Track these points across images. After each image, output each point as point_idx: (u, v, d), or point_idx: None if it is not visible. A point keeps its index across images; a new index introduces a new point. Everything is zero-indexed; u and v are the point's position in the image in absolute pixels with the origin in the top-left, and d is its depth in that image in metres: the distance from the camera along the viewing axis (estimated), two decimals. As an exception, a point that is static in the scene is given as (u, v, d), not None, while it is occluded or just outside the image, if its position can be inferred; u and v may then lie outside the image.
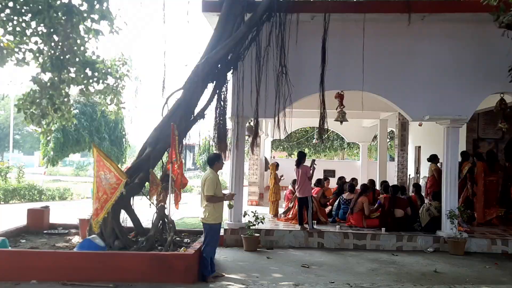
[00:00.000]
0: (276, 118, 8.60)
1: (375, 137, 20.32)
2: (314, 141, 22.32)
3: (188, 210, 12.71)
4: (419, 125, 14.18)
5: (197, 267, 6.31)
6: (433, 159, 11.11)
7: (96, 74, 9.93)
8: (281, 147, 26.87)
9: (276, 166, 11.54)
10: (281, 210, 11.20)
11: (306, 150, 26.09)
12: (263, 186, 17.11)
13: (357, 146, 26.35)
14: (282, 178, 11.89)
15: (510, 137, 12.69)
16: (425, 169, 14.45)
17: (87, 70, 9.68)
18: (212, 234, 6.52)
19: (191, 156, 37.57)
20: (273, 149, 22.90)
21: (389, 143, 21.49)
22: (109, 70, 10.19)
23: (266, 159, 17.88)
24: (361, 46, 8.67)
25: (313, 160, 9.75)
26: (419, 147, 16.12)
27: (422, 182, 14.26)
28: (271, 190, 11.25)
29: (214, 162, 6.65)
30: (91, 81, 9.90)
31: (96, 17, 9.30)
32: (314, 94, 8.88)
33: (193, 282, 6.16)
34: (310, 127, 23.14)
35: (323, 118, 8.37)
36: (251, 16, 8.42)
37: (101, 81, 10.16)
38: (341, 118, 9.53)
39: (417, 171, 16.15)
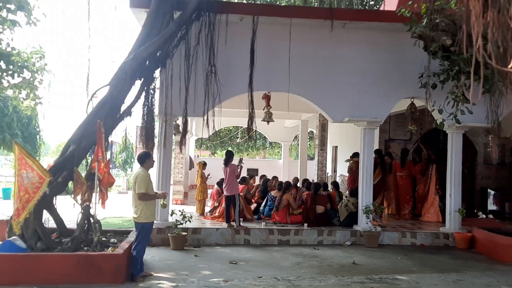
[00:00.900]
0: (205, 117, 8.67)
1: (296, 137, 21.07)
2: (238, 140, 22.63)
3: (110, 210, 12.31)
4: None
5: (126, 267, 6.21)
6: (355, 156, 11.98)
7: (11, 67, 9.38)
8: (205, 146, 26.88)
9: (204, 165, 11.59)
10: (207, 209, 11.28)
11: (229, 149, 26.39)
12: (187, 185, 17.04)
13: (278, 145, 27.10)
14: (209, 177, 11.97)
15: (418, 138, 13.83)
16: (341, 168, 15.34)
17: (1, 63, 9.12)
18: (144, 233, 6.46)
19: (109, 154, 36.22)
20: (196, 147, 22.89)
21: (308, 143, 22.46)
22: (25, 63, 9.65)
23: (190, 158, 17.82)
24: (287, 49, 9.03)
25: (241, 159, 9.95)
26: (336, 147, 17.01)
27: (338, 180, 15.10)
28: (198, 189, 11.28)
29: (145, 160, 6.60)
30: (5, 74, 9.34)
31: (12, 7, 8.78)
32: (242, 94, 9.08)
33: (122, 282, 6.06)
34: (233, 126, 23.40)
35: (251, 118, 8.59)
36: (180, 14, 8.40)
37: (16, 74, 9.62)
38: (268, 118, 9.83)
39: (335, 169, 17.02)
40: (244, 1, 10.27)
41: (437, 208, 11.41)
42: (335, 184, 11.72)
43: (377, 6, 20.51)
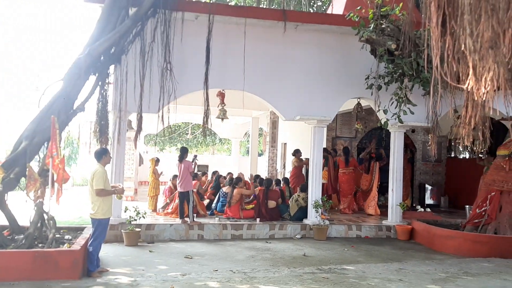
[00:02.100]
0: (161, 113, 8.72)
1: (246, 133, 21.36)
2: (188, 136, 22.61)
3: (61, 207, 12.02)
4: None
5: (83, 263, 6.21)
6: (296, 152, 12.45)
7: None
8: (153, 142, 26.55)
9: (156, 161, 11.59)
10: (159, 205, 11.29)
11: (179, 145, 26.25)
12: (137, 181, 16.87)
13: (228, 141, 27.30)
14: (162, 174, 11.98)
15: (362, 136, 14.53)
16: (290, 164, 15.79)
17: None
18: (101, 229, 6.48)
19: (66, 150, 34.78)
20: (145, 143, 22.61)
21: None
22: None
23: (140, 154, 17.64)
24: (242, 48, 9.24)
25: (195, 156, 10.09)
26: (285, 144, 17.48)
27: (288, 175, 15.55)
28: (150, 185, 11.28)
29: (102, 156, 6.61)
30: None
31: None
32: (196, 91, 9.21)
33: (80, 278, 6.06)
34: (182, 122, 23.30)
35: (207, 115, 8.73)
36: (136, 11, 8.39)
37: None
38: (222, 115, 10.02)
39: (284, 166, 17.48)
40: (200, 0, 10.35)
41: (376, 202, 12.10)
42: (286, 180, 12.12)
43: (325, 7, 21.18)
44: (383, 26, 8.64)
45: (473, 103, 4.00)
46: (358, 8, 8.95)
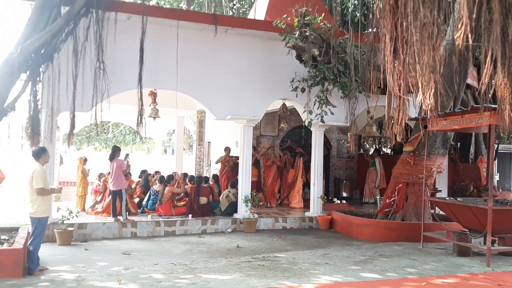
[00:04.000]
0: (94, 112, 8.75)
1: (168, 132, 21.42)
2: (109, 135, 22.12)
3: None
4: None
5: (23, 261, 6.21)
6: (225, 150, 13.05)
7: None
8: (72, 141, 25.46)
9: (85, 160, 11.43)
10: (88, 205, 11.19)
11: (97, 144, 25.50)
12: (58, 181, 16.26)
13: (148, 140, 27.06)
14: (89, 172, 11.82)
15: (284, 135, 15.41)
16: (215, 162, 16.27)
17: None
18: (41, 228, 6.50)
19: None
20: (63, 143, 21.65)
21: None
22: None
23: (60, 154, 17.02)
24: (174, 49, 9.54)
25: (127, 154, 10.17)
26: (209, 142, 17.89)
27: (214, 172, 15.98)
28: (79, 184, 11.12)
29: (41, 155, 6.61)
30: None
31: None
32: (129, 90, 9.35)
33: (23, 276, 6.08)
34: (101, 121, 22.71)
35: (141, 114, 8.91)
36: (68, 10, 8.32)
37: None
38: (154, 114, 10.21)
39: (210, 164, 17.87)
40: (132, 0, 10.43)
41: (301, 195, 13.03)
42: (215, 177, 12.57)
43: (243, 8, 21.87)
44: (307, 34, 9.43)
45: (400, 109, 4.94)
46: (285, 16, 9.67)
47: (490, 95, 8.10)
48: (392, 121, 4.77)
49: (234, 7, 23.51)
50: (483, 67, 6.03)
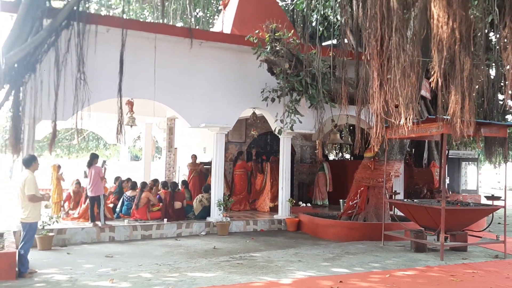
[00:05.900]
0: (74, 120, 9.05)
1: (134, 139, 21.54)
2: (74, 141, 22.01)
3: None
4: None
5: (16, 265, 6.50)
6: (191, 158, 13.57)
7: None
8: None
9: (58, 167, 11.58)
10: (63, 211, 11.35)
11: (58, 151, 25.18)
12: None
13: (111, 147, 26.94)
14: (62, 177, 11.96)
15: (251, 141, 16.04)
16: (182, 168, 16.71)
17: None
18: (32, 233, 6.81)
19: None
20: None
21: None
22: None
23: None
24: (152, 60, 9.98)
25: (104, 161, 10.46)
26: (176, 148, 18.27)
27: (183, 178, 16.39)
28: (54, 191, 11.26)
29: (31, 163, 6.92)
30: None
31: None
32: (108, 99, 9.69)
33: (16, 278, 6.39)
34: (64, 128, 22.48)
35: (121, 123, 9.28)
36: (51, 22, 8.63)
37: None
38: (131, 123, 10.58)
39: (175, 169, 18.23)
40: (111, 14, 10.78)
41: (270, 199, 13.69)
42: (185, 183, 13.01)
43: (211, 18, 22.39)
44: (277, 48, 10.13)
45: (378, 124, 5.95)
46: (256, 31, 10.33)
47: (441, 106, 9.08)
48: (365, 133, 5.82)
49: (198, 15, 23.99)
50: (436, 88, 7.05)
